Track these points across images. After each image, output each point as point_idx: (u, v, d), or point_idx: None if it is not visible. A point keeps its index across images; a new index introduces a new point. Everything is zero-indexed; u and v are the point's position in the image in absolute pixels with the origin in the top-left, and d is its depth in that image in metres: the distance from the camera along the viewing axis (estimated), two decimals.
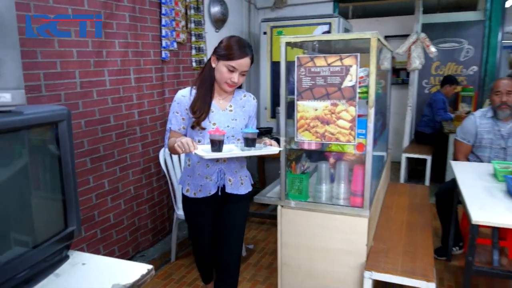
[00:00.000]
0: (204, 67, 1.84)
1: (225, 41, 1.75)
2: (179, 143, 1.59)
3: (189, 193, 1.88)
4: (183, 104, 1.80)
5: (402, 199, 2.86)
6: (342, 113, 1.88)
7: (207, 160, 1.75)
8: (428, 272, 1.83)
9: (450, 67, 5.47)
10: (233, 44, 1.72)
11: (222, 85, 1.78)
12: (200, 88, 1.80)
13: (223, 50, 1.73)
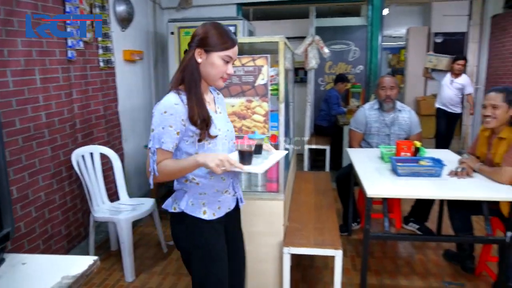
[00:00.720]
0: (184, 65, 1.48)
1: (211, 29, 1.45)
2: (218, 162, 1.33)
3: (206, 215, 1.52)
4: (178, 114, 1.42)
5: (308, 185, 3.20)
6: (256, 109, 2.09)
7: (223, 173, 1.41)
8: (335, 242, 2.15)
9: (341, 67, 6.12)
10: (224, 31, 1.46)
11: (216, 81, 1.50)
12: (191, 91, 1.45)
13: (215, 39, 1.44)
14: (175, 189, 1.58)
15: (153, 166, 1.43)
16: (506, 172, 2.22)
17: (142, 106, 4.12)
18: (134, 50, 3.83)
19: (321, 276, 2.76)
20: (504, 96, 2.35)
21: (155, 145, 1.43)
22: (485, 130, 2.54)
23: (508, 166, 2.22)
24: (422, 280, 2.71)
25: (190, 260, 1.56)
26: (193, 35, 1.49)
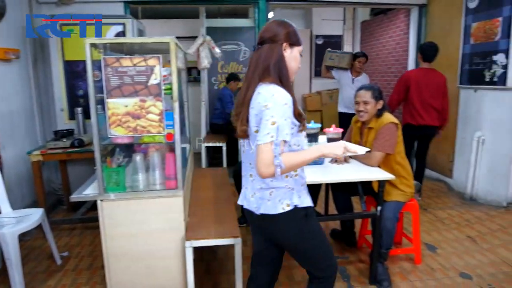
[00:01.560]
0: (276, 60, 1.52)
1: (290, 25, 1.59)
2: (343, 149, 1.50)
3: (310, 202, 1.62)
4: (291, 106, 1.48)
5: (207, 181, 3.30)
6: (151, 108, 2.11)
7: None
8: (235, 231, 2.28)
9: (232, 66, 6.34)
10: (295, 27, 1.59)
11: (293, 75, 1.60)
12: (288, 84, 1.52)
13: (295, 35, 1.56)
14: (272, 188, 1.56)
15: (280, 159, 1.41)
16: (375, 156, 2.60)
17: (22, 109, 3.76)
18: (8, 48, 3.48)
19: (224, 267, 2.88)
20: (371, 93, 2.74)
21: (279, 137, 1.41)
22: (357, 122, 2.93)
23: (376, 151, 2.61)
24: None
25: (304, 249, 1.66)
26: (275, 32, 1.55)
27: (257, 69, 1.55)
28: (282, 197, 1.57)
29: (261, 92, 1.50)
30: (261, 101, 1.48)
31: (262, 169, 1.42)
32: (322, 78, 9.18)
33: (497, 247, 3.10)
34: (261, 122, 1.45)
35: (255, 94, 1.53)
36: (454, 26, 4.47)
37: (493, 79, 3.88)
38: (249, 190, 1.66)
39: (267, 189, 1.58)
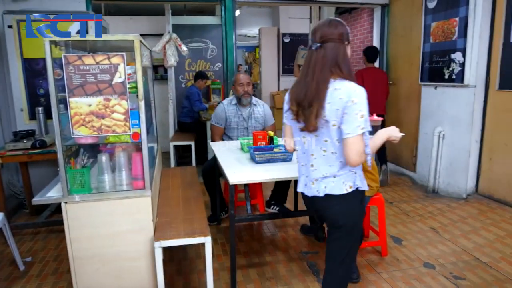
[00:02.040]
0: (342, 55, 1.64)
1: (345, 24, 1.70)
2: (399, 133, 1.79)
3: (364, 187, 1.74)
4: None
5: (175, 180, 3.26)
6: (115, 107, 2.06)
7: None
8: (204, 230, 2.26)
9: (200, 64, 6.29)
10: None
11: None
12: (353, 79, 1.66)
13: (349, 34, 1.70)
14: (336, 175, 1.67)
15: (369, 148, 1.61)
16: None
17: None
18: None
19: (194, 266, 2.86)
20: None
21: (366, 128, 1.56)
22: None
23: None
24: (284, 254, 3.04)
25: (358, 229, 1.80)
26: (341, 32, 1.64)
27: (325, 66, 1.62)
28: (345, 179, 1.69)
29: (340, 88, 1.58)
30: (343, 96, 1.56)
31: (356, 158, 1.57)
32: (290, 76, 9.38)
33: (458, 237, 3.24)
34: (347, 116, 1.56)
35: (330, 90, 1.60)
36: (415, 25, 4.62)
37: (451, 76, 4.05)
38: (310, 178, 1.76)
39: (331, 176, 1.69)
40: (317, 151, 1.70)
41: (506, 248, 3.00)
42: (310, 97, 1.63)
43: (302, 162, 1.82)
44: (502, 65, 3.74)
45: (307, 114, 1.65)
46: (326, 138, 1.66)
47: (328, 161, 1.68)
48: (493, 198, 3.93)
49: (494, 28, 3.78)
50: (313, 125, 1.64)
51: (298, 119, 1.72)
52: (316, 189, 1.72)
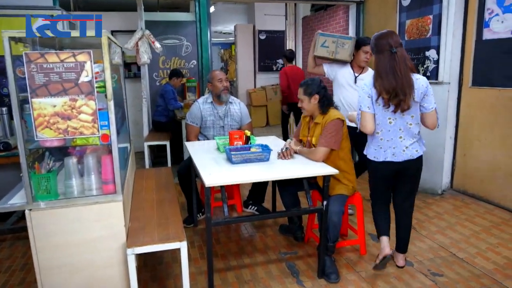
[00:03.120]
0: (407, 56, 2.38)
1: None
2: None
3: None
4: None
5: (149, 182, 3.15)
6: (83, 108, 1.94)
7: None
8: (180, 234, 2.18)
9: (174, 61, 6.15)
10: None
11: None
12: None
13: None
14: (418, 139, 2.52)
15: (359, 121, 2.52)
16: (319, 152, 2.62)
17: None
18: None
19: (171, 271, 2.77)
20: (303, 90, 2.75)
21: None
22: (306, 117, 2.93)
23: (320, 146, 2.62)
24: (262, 255, 2.98)
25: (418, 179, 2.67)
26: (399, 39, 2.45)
27: (407, 65, 2.32)
28: (420, 143, 2.55)
29: (418, 78, 2.36)
30: (424, 83, 2.36)
31: (436, 123, 2.47)
32: (267, 73, 9.33)
33: (434, 233, 3.27)
34: (427, 97, 2.37)
35: (414, 80, 2.32)
36: (389, 22, 4.64)
37: (426, 73, 4.08)
38: (399, 147, 2.47)
39: (416, 141, 2.50)
40: (404, 125, 2.41)
41: (481, 243, 3.04)
42: (405, 87, 2.28)
43: (388, 138, 2.46)
44: (475, 63, 3.79)
45: (402, 99, 2.28)
46: (412, 114, 2.39)
47: (412, 132, 2.44)
48: (468, 194, 4.00)
49: (467, 25, 3.83)
50: (408, 105, 2.31)
51: (389, 104, 2.34)
52: (409, 154, 2.48)
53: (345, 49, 3.54)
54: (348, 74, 3.61)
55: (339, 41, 3.55)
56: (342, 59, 3.59)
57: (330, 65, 3.74)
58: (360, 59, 3.52)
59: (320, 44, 3.59)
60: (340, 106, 3.33)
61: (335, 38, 3.58)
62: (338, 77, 3.67)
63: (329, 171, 2.46)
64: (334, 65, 3.72)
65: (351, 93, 3.55)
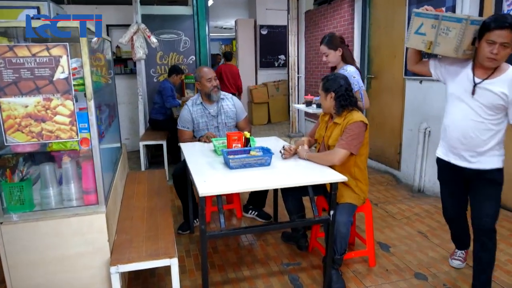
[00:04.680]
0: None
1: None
2: None
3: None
4: None
5: (141, 187, 2.92)
6: (59, 108, 1.72)
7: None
8: (170, 250, 1.95)
9: (172, 57, 5.90)
10: None
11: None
12: None
13: None
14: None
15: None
16: (338, 153, 2.36)
17: None
18: None
19: (163, 284, 2.55)
20: (321, 84, 2.52)
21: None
22: (325, 116, 2.69)
23: (340, 147, 2.38)
24: (263, 267, 2.75)
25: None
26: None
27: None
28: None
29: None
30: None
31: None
32: (268, 69, 9.08)
33: (447, 241, 3.03)
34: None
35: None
36: (398, 15, 4.39)
37: None
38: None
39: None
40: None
41: (500, 254, 2.80)
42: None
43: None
44: None
45: None
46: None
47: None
48: None
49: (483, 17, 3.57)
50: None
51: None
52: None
53: (450, 39, 2.02)
54: (465, 79, 2.12)
55: (442, 24, 2.06)
56: (444, 54, 2.14)
57: (440, 61, 2.29)
58: (482, 54, 1.99)
59: (415, 30, 2.18)
60: (446, 130, 2.29)
61: (435, 19, 2.10)
62: (449, 82, 2.23)
63: (337, 178, 2.22)
64: (445, 61, 2.25)
65: (466, 114, 2.12)
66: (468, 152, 2.19)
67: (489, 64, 2.00)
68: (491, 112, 2.07)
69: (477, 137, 2.13)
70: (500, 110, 2.05)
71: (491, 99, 2.04)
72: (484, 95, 2.05)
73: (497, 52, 1.93)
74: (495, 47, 1.93)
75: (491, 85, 2.03)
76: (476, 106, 2.09)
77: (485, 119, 2.09)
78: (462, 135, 2.17)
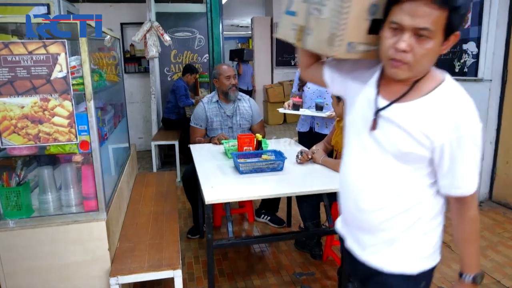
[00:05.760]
0: None
1: None
2: None
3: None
4: None
5: (149, 190, 2.82)
6: (56, 109, 1.61)
7: None
8: (174, 260, 1.84)
9: (187, 55, 5.81)
10: None
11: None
12: None
13: None
14: None
15: None
16: None
17: None
18: None
19: None
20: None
21: None
22: (340, 121, 2.54)
23: None
24: (275, 276, 2.62)
25: None
26: None
27: None
28: None
29: None
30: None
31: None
32: (285, 68, 8.92)
33: None
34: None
35: None
36: None
37: (463, 69, 3.62)
38: None
39: None
40: None
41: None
42: None
43: None
44: None
45: None
46: None
47: None
48: (510, 207, 3.53)
49: None
50: None
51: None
52: None
53: (324, 22, 1.05)
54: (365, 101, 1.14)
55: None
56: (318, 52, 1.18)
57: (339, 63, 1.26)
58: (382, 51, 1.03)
59: (286, 8, 1.23)
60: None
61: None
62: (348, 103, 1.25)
63: None
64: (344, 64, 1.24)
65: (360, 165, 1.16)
66: (364, 233, 1.19)
67: (392, 73, 1.01)
68: (404, 166, 1.07)
69: (377, 210, 1.12)
70: (419, 163, 1.06)
71: (399, 142, 1.04)
72: (389, 132, 1.06)
73: (408, 47, 0.95)
74: (402, 36, 0.95)
75: (401, 114, 1.04)
76: (376, 152, 1.10)
77: (392, 178, 1.10)
78: (354, 203, 1.17)
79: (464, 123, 0.99)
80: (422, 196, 1.11)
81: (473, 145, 1.01)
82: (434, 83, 1.03)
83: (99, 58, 2.05)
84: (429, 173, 1.09)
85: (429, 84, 1.03)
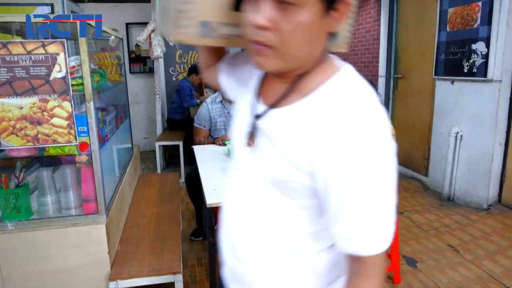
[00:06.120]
0: None
1: None
2: None
3: None
4: None
5: (152, 191, 2.79)
6: (55, 110, 1.59)
7: None
8: (175, 264, 1.80)
9: (192, 55, 5.78)
10: None
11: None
12: None
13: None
14: None
15: None
16: None
17: None
18: None
19: None
20: None
21: None
22: None
23: None
24: None
25: None
26: None
27: None
28: None
29: None
30: None
31: None
32: None
33: (482, 258, 2.77)
34: None
35: None
36: (428, 12, 4.11)
37: (472, 70, 3.55)
38: None
39: None
40: None
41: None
42: None
43: None
44: None
45: None
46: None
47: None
48: None
49: None
50: None
51: None
52: None
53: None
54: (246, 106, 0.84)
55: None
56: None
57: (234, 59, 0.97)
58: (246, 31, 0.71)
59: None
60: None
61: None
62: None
63: None
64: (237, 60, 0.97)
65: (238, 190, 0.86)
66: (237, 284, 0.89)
67: (256, 62, 0.71)
68: (285, 199, 0.75)
69: (252, 252, 0.82)
70: (304, 197, 0.73)
71: (272, 165, 0.74)
72: (263, 151, 0.77)
73: (267, 21, 0.64)
74: (259, 7, 0.65)
75: (275, 124, 0.75)
76: (252, 178, 0.81)
77: (267, 215, 0.79)
78: (229, 241, 0.88)
79: (356, 137, 0.63)
80: (305, 247, 0.76)
81: (373, 173, 0.64)
82: (323, 77, 0.70)
83: (100, 58, 2.02)
84: (318, 214, 0.73)
85: (316, 79, 0.71)
